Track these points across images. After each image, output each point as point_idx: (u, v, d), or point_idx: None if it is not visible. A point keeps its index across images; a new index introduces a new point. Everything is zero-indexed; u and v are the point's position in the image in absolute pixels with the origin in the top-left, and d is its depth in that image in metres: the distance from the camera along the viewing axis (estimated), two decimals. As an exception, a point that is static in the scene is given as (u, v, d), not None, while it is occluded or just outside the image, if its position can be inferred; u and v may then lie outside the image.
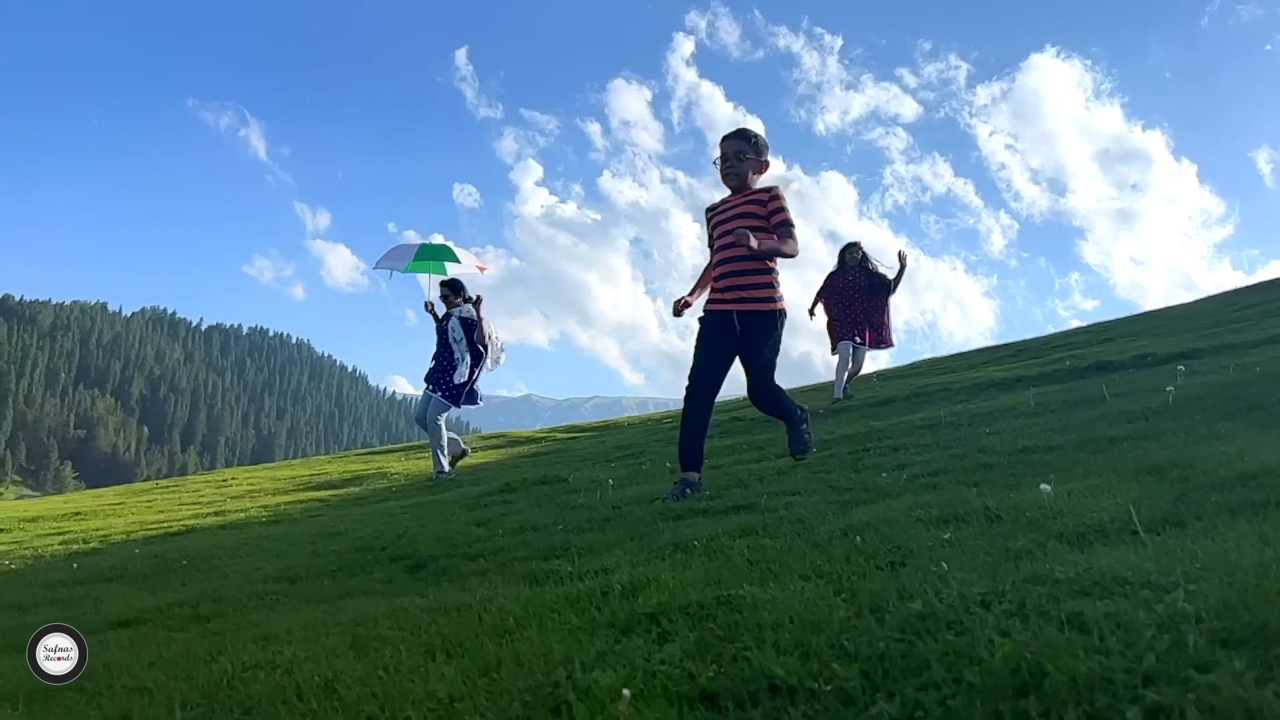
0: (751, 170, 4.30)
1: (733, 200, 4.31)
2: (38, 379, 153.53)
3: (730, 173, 4.28)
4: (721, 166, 4.32)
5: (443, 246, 9.48)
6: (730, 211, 4.26)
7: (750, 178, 4.30)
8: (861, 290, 9.53)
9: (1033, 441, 3.89)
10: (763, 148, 4.36)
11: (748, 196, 4.26)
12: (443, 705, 1.50)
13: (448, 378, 8.49)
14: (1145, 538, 1.89)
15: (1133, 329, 12.40)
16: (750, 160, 4.29)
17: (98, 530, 7.26)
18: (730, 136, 4.33)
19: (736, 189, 4.32)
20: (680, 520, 3.38)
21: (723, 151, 4.32)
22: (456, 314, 8.55)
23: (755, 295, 4.18)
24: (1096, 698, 1.12)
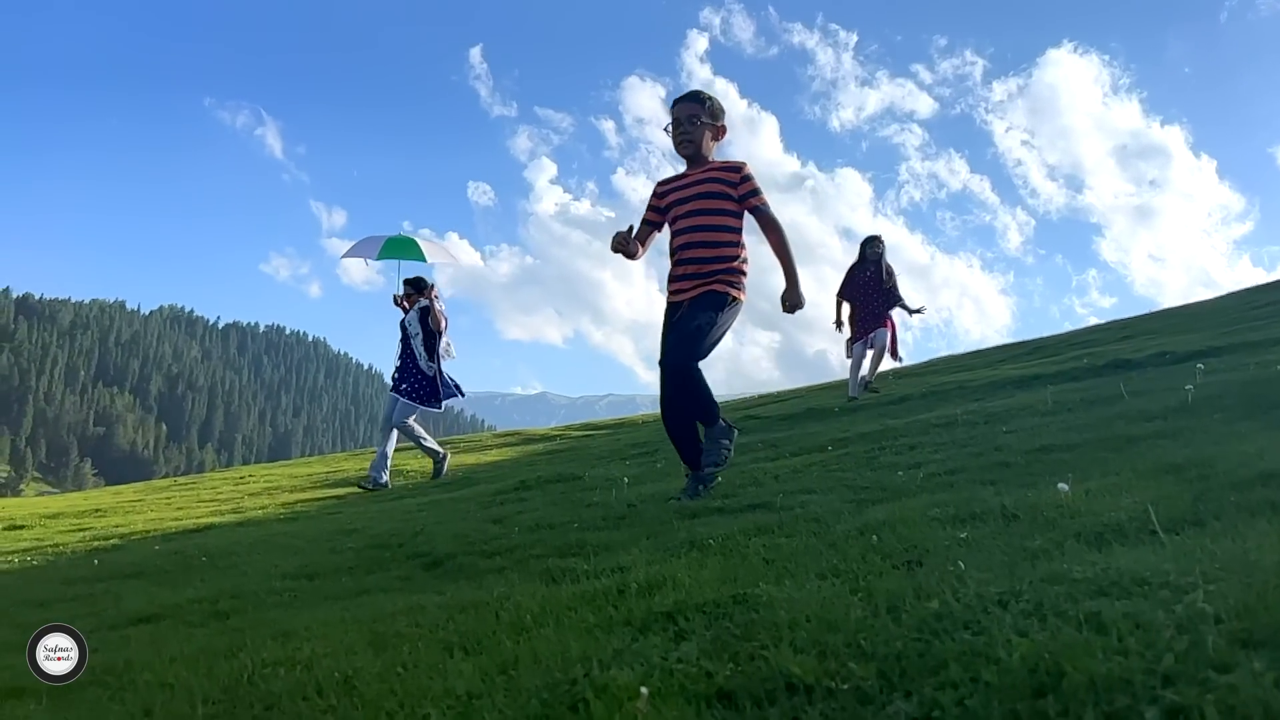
0: (708, 136, 3.92)
1: (693, 174, 3.94)
2: (58, 377, 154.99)
3: (685, 140, 3.89)
4: (674, 134, 3.92)
5: (409, 240, 9.21)
6: (692, 189, 3.90)
7: (707, 144, 3.93)
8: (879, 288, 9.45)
9: (1050, 440, 3.87)
10: (718, 111, 3.96)
11: (710, 172, 3.90)
12: (461, 702, 1.51)
13: (415, 380, 8.29)
14: (1164, 537, 1.89)
15: (1151, 327, 12.31)
16: (705, 125, 3.90)
17: (118, 527, 7.33)
18: (682, 99, 3.95)
19: (692, 158, 3.95)
20: (695, 518, 3.38)
21: (674, 116, 3.93)
22: (416, 309, 8.41)
23: (710, 282, 3.84)
24: (1115, 698, 1.11)
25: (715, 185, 3.85)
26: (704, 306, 3.77)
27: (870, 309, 9.44)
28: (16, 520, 8.53)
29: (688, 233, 3.85)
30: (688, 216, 3.85)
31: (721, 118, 3.96)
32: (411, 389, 8.27)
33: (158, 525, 7.13)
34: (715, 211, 3.83)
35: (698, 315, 3.75)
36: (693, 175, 3.92)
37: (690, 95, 3.94)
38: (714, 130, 3.93)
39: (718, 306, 3.78)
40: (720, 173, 3.87)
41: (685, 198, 3.88)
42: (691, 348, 3.75)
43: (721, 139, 3.98)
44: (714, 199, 3.83)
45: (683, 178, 3.95)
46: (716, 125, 3.94)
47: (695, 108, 3.91)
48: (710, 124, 3.91)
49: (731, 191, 3.84)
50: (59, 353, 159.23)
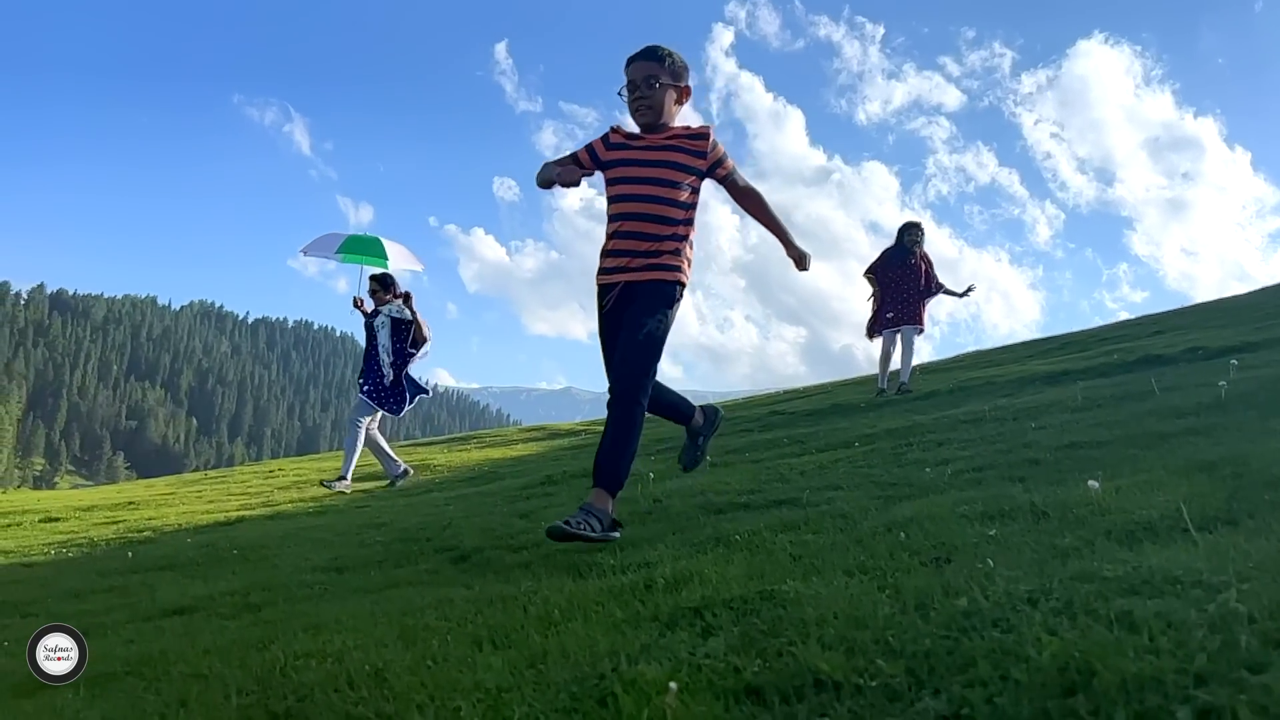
0: (670, 99, 3.38)
1: (654, 139, 3.39)
2: (91, 371, 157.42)
3: (643, 105, 3.34)
4: (631, 98, 3.37)
5: (373, 239, 8.82)
6: (652, 155, 3.36)
7: (668, 108, 3.38)
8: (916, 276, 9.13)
9: (1080, 437, 3.84)
10: (680, 69, 3.40)
11: (672, 138, 3.38)
12: (491, 695, 1.53)
13: (378, 380, 8.03)
14: (1196, 536, 1.87)
15: (1183, 322, 12.15)
16: (666, 86, 3.34)
17: (151, 520, 7.43)
18: (637, 58, 3.38)
19: (650, 126, 3.39)
20: (721, 514, 3.38)
21: (630, 79, 3.36)
22: (386, 311, 8.04)
23: (658, 263, 3.34)
24: (1146, 698, 1.11)
25: (679, 155, 3.35)
26: (653, 301, 3.29)
27: (901, 297, 9.12)
28: (52, 513, 8.67)
29: (640, 202, 3.34)
30: (642, 184, 3.34)
31: (685, 77, 3.42)
32: (375, 392, 8.01)
33: (189, 518, 7.23)
34: (674, 184, 3.33)
35: (646, 318, 3.25)
36: (654, 140, 3.39)
37: (646, 52, 3.37)
38: (676, 92, 3.40)
39: (669, 300, 3.33)
40: (686, 140, 3.37)
41: (642, 162, 3.36)
42: (641, 370, 3.22)
43: (685, 102, 3.46)
44: (676, 169, 3.34)
45: (640, 139, 3.41)
46: (679, 86, 3.40)
47: (653, 67, 3.35)
48: (672, 85, 3.37)
49: (698, 164, 3.37)
50: (92, 348, 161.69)
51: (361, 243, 8.70)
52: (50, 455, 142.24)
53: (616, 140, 3.44)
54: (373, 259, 8.51)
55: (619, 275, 3.36)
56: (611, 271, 3.38)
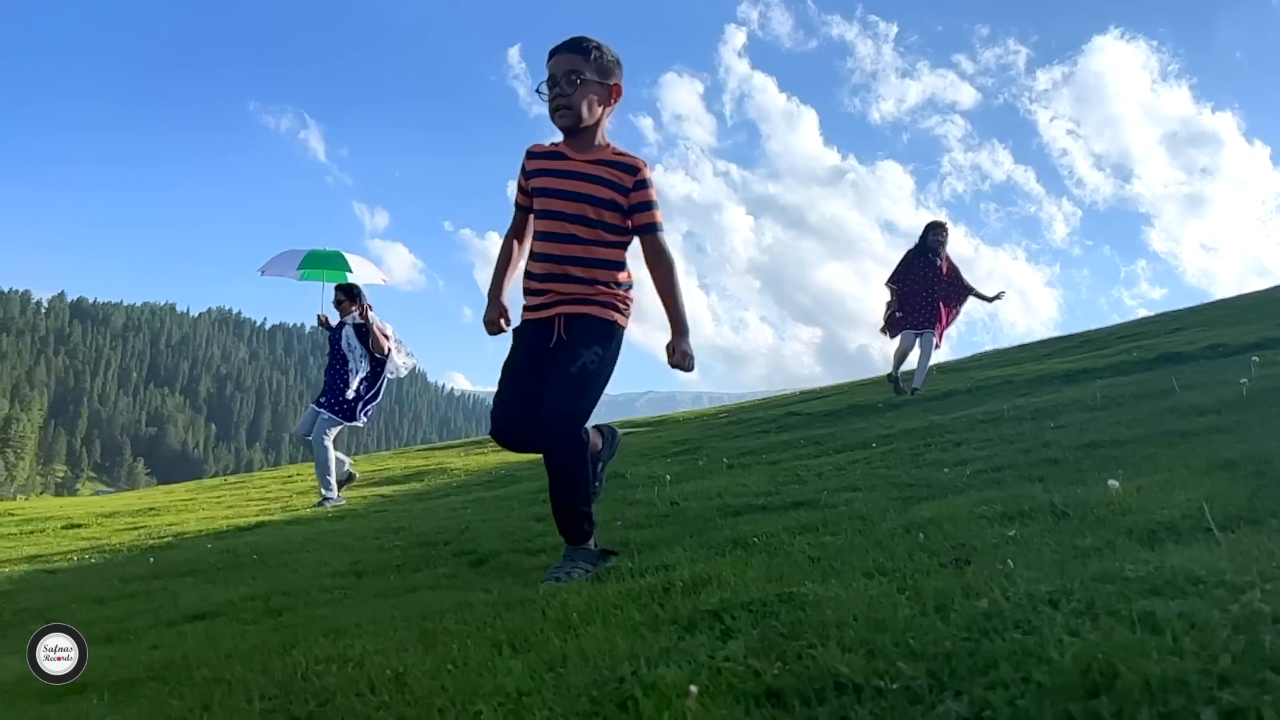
0: (595, 98, 2.89)
1: (578, 159, 2.92)
2: (111, 378, 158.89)
3: (562, 105, 2.86)
4: (550, 95, 2.89)
5: (334, 253, 8.65)
6: (574, 183, 2.90)
7: (593, 109, 2.90)
8: (939, 279, 8.84)
9: (1100, 435, 3.82)
10: (609, 66, 2.91)
11: (602, 166, 2.90)
12: (511, 699, 1.53)
13: (339, 393, 7.84)
14: (1219, 535, 1.85)
15: (1203, 318, 12.05)
16: (591, 84, 2.87)
17: (171, 526, 7.49)
18: (560, 50, 2.89)
19: (572, 130, 2.91)
20: (739, 516, 3.38)
21: (550, 74, 2.88)
22: (350, 321, 7.89)
23: (594, 298, 2.91)
24: (1170, 699, 1.10)
25: (604, 189, 2.89)
26: (588, 335, 2.88)
27: (923, 300, 8.82)
28: (74, 519, 8.76)
29: (560, 241, 2.90)
30: (561, 220, 2.90)
31: (615, 75, 2.94)
32: (337, 406, 7.84)
33: (210, 524, 7.28)
34: (597, 223, 2.89)
35: (581, 350, 2.84)
36: (578, 160, 2.93)
37: (569, 43, 2.90)
38: (603, 93, 2.92)
39: (605, 337, 2.89)
40: (613, 171, 2.91)
41: (563, 191, 2.91)
42: (576, 401, 2.82)
43: (615, 104, 2.98)
44: (600, 206, 2.89)
45: (561, 158, 2.95)
46: (607, 85, 2.92)
47: (576, 60, 2.86)
48: (598, 83, 2.89)
49: (621, 200, 2.90)
50: (112, 355, 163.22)
51: (323, 257, 8.56)
52: (72, 462, 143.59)
53: (534, 165, 3.00)
54: (335, 272, 8.39)
55: (545, 312, 2.93)
56: (536, 308, 2.96)
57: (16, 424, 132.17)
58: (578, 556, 2.84)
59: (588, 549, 2.88)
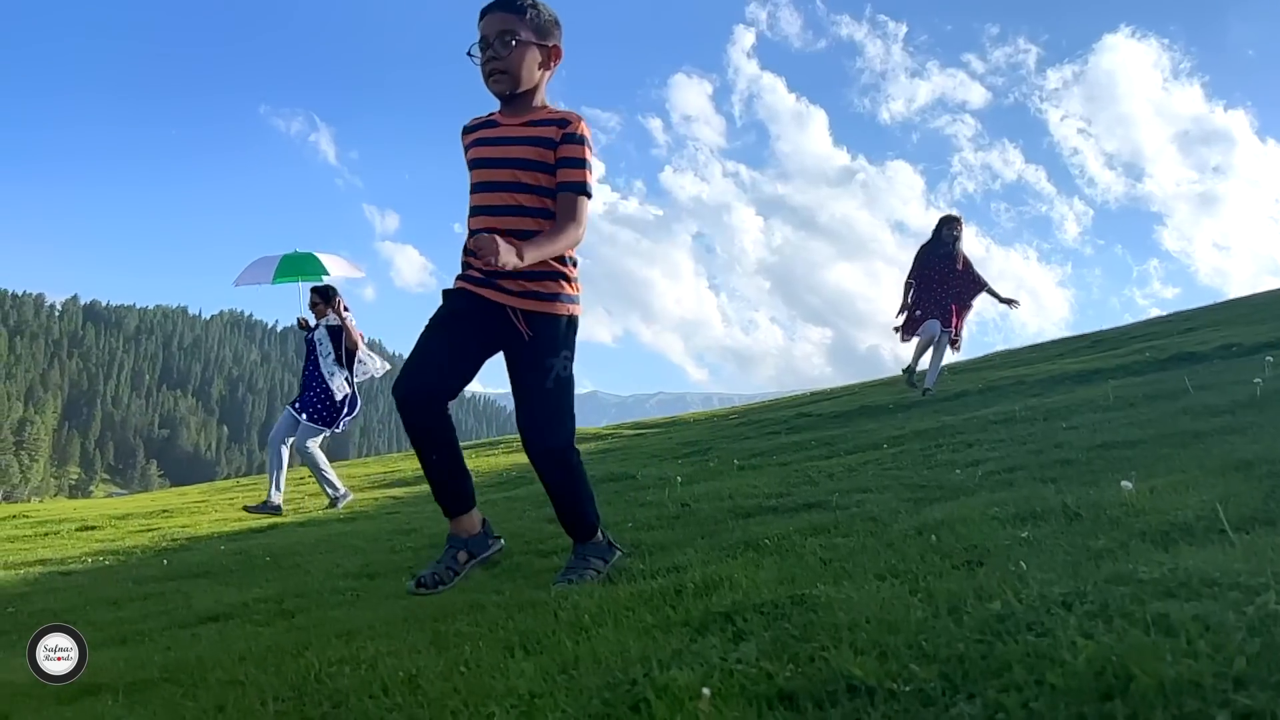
0: (532, 62, 2.67)
1: (510, 122, 2.73)
2: (124, 381, 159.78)
3: (496, 69, 2.65)
4: (482, 59, 2.68)
5: (307, 256, 8.56)
6: (505, 149, 2.70)
7: (530, 73, 2.68)
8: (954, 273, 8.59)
9: (1112, 436, 3.80)
10: (547, 25, 2.70)
11: (533, 123, 2.69)
12: (524, 701, 1.53)
13: (319, 399, 7.72)
14: (1233, 536, 1.85)
15: (1216, 318, 11.98)
16: (528, 46, 2.65)
17: (185, 527, 7.52)
18: (492, 8, 2.67)
19: (509, 96, 2.71)
20: (750, 518, 3.38)
21: (482, 35, 2.67)
22: (324, 323, 7.83)
23: (545, 288, 2.72)
24: (1185, 702, 1.10)
25: (532, 148, 2.66)
26: (553, 339, 2.73)
27: (936, 295, 8.58)
28: (88, 521, 8.79)
29: (498, 214, 2.69)
30: (496, 190, 2.69)
31: (553, 35, 2.72)
32: (315, 412, 7.73)
33: (222, 525, 7.31)
34: (533, 188, 2.66)
35: (549, 360, 2.71)
36: (509, 124, 2.73)
37: (503, 1, 2.67)
38: (542, 54, 2.70)
39: (569, 333, 2.77)
40: (543, 128, 2.68)
41: (494, 159, 2.71)
42: (563, 424, 2.76)
43: (554, 66, 2.76)
44: (532, 169, 2.66)
45: (494, 125, 2.77)
46: (546, 46, 2.70)
47: (510, 20, 2.64)
48: (536, 43, 2.67)
49: (548, 156, 2.67)
50: (125, 358, 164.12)
51: (296, 261, 8.52)
52: (85, 464, 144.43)
53: (469, 142, 2.81)
54: (310, 275, 8.35)
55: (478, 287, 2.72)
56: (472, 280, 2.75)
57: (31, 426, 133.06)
58: (588, 553, 2.87)
59: (596, 543, 2.92)
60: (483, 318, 2.72)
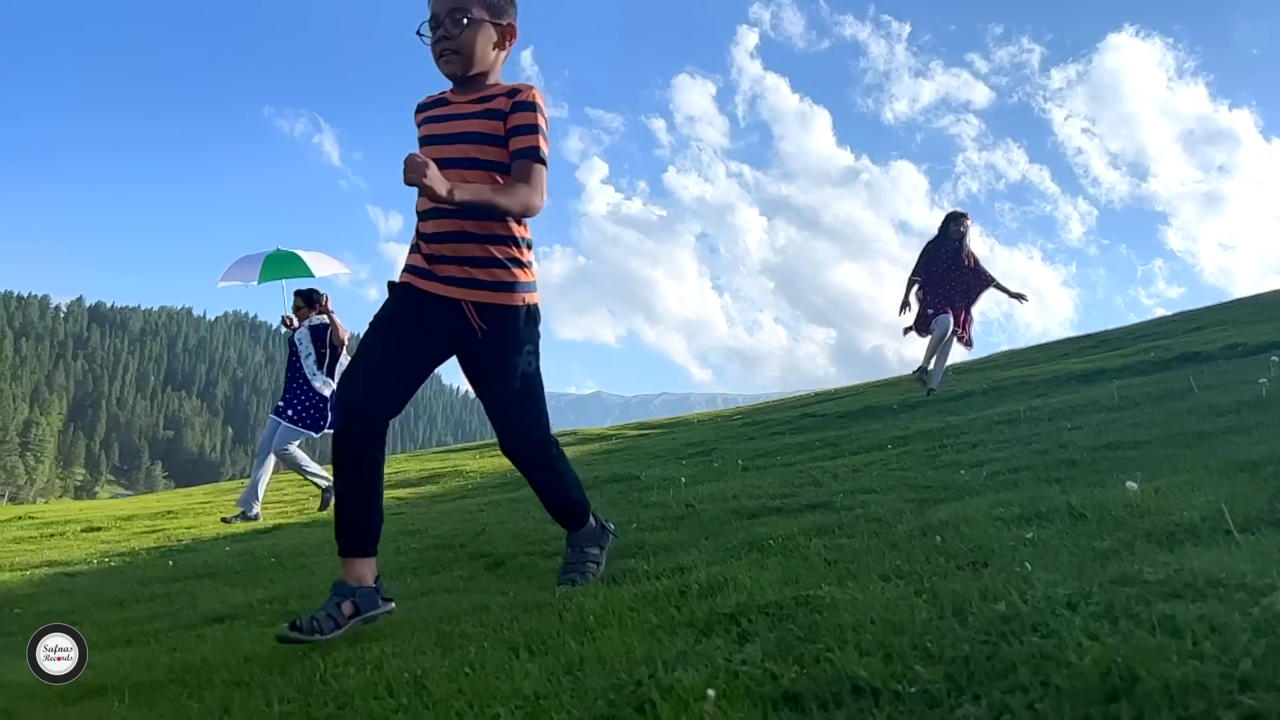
0: (485, 41, 2.51)
1: (460, 100, 2.56)
2: (129, 382, 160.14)
3: (447, 49, 2.49)
4: (433, 40, 2.53)
5: (292, 255, 8.51)
6: (454, 125, 2.53)
7: (485, 53, 2.52)
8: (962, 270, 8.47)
9: (1117, 436, 3.79)
10: (501, 2, 2.55)
11: (481, 99, 2.52)
12: (529, 702, 1.54)
13: (301, 402, 7.69)
14: (1239, 537, 1.84)
15: (1222, 317, 11.96)
16: (481, 24, 2.49)
17: (190, 529, 7.54)
18: None
19: (461, 77, 2.55)
20: (754, 519, 3.38)
21: (432, 12, 2.52)
22: (306, 324, 7.79)
23: (493, 276, 2.51)
24: (1191, 703, 1.10)
25: (483, 121, 2.50)
26: (514, 335, 2.57)
27: (944, 292, 8.46)
28: (93, 522, 8.82)
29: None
30: (446, 168, 2.39)
31: (508, 13, 2.57)
32: (297, 414, 7.69)
33: (227, 527, 7.33)
34: (485, 163, 2.48)
35: (513, 359, 2.57)
36: (459, 101, 2.56)
37: None
38: (496, 33, 2.54)
39: (530, 325, 2.61)
40: (493, 101, 2.51)
41: (445, 135, 2.53)
42: (537, 422, 2.68)
43: (510, 46, 2.60)
44: (483, 142, 2.49)
45: (444, 104, 2.61)
46: (500, 25, 2.55)
47: None
48: (489, 22, 2.51)
49: (499, 128, 2.49)
50: (130, 359, 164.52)
51: (281, 260, 8.48)
52: (90, 465, 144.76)
53: (421, 115, 2.65)
54: (295, 274, 8.33)
55: (429, 281, 2.53)
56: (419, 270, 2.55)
57: (36, 428, 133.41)
58: (583, 543, 2.86)
59: (589, 529, 2.90)
60: (431, 317, 2.52)
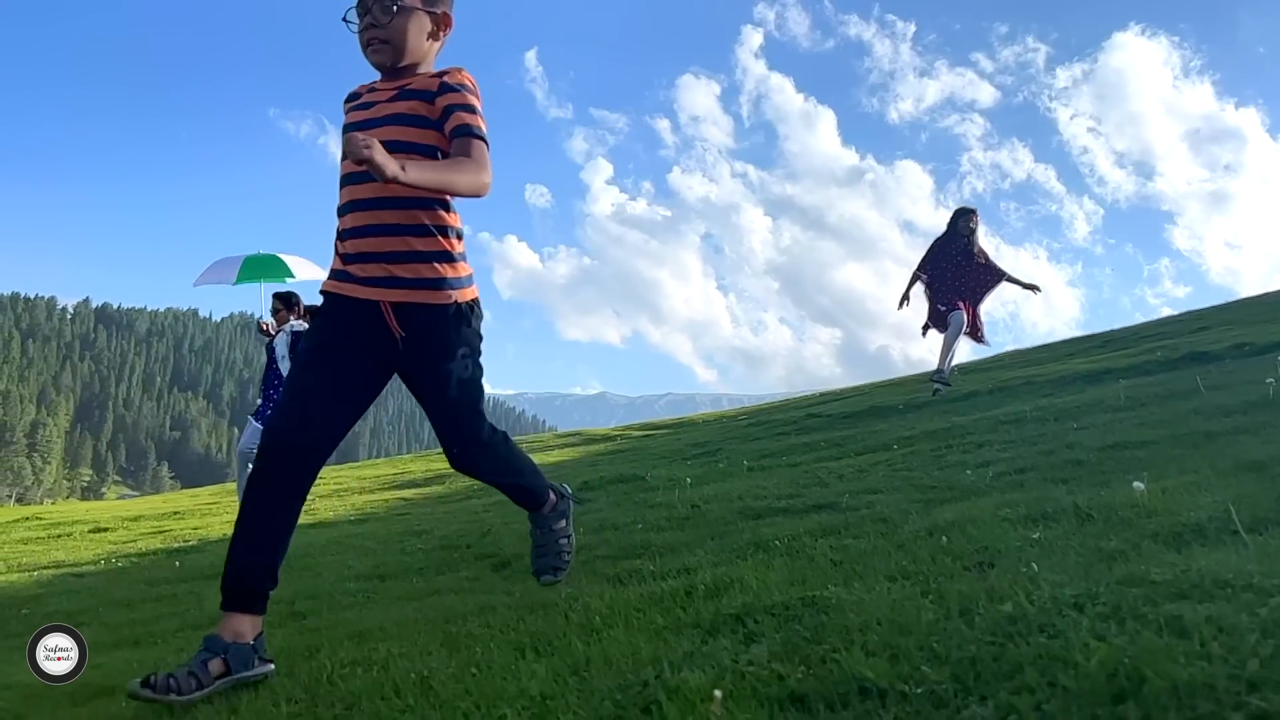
0: (417, 30, 2.34)
1: (382, 87, 2.38)
2: (135, 383, 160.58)
3: (375, 38, 2.31)
4: (360, 26, 2.34)
5: (272, 257, 8.40)
6: (377, 112, 2.32)
7: (416, 43, 2.35)
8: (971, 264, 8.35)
9: (1124, 437, 3.78)
10: None
11: (407, 86, 2.32)
12: (536, 703, 1.54)
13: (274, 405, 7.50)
14: (1246, 538, 1.84)
15: (1228, 317, 11.91)
16: (412, 12, 2.32)
17: (196, 529, 7.56)
18: None
19: (390, 67, 2.37)
20: (760, 519, 3.37)
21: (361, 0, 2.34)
22: (287, 329, 7.62)
23: (416, 273, 2.27)
24: (1198, 704, 1.09)
25: (407, 103, 2.29)
26: (446, 337, 2.32)
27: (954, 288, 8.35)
28: (100, 523, 8.85)
29: (360, 181, 2.26)
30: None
31: (443, 1, 2.40)
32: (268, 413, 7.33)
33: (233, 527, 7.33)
34: (407, 146, 2.24)
35: (447, 365, 2.33)
36: (385, 89, 2.36)
37: None
38: (430, 22, 2.37)
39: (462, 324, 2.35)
40: (420, 82, 2.32)
41: (365, 120, 2.31)
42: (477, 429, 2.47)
43: (444, 36, 2.43)
44: (407, 124, 2.28)
45: (370, 91, 2.41)
46: (435, 14, 2.37)
47: None
48: (422, 10, 2.35)
49: (430, 111, 2.28)
50: (136, 360, 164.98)
51: (261, 262, 8.38)
52: (97, 466, 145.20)
53: (347, 107, 2.44)
54: (274, 277, 8.22)
55: (356, 288, 2.28)
56: (345, 276, 2.31)
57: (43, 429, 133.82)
58: (549, 522, 2.79)
59: (550, 504, 2.80)
60: (356, 326, 2.28)
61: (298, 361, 2.34)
